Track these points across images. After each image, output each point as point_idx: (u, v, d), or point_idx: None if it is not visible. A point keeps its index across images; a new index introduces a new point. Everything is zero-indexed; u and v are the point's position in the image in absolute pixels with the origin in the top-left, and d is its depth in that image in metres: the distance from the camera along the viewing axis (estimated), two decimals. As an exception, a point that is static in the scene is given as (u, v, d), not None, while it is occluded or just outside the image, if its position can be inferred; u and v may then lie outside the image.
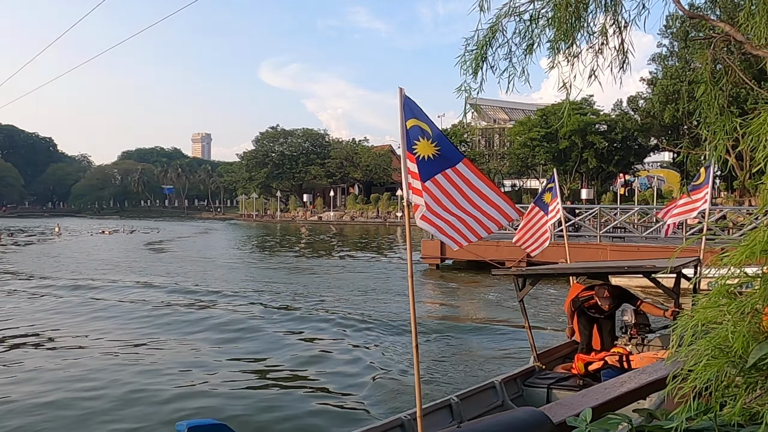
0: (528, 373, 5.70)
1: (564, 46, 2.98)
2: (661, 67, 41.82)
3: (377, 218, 68.88)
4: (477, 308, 12.46)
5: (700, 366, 2.17)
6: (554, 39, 2.96)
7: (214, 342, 9.29)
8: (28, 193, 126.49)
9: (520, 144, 53.44)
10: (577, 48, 3.00)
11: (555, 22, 2.91)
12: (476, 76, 3.17)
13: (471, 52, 3.14)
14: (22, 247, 31.54)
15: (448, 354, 8.49)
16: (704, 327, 2.26)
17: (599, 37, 3.06)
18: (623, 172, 53.19)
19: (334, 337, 9.65)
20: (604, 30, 3.05)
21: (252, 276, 18.33)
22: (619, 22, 3.06)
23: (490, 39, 3.11)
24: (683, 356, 2.25)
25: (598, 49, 3.06)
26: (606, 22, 3.07)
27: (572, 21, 2.88)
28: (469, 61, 3.14)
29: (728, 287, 2.22)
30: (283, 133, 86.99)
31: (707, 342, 2.21)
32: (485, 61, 3.16)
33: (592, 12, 2.97)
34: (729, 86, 2.56)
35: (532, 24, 3.02)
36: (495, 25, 3.11)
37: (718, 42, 2.62)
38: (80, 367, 7.78)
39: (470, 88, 3.19)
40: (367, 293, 14.33)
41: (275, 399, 6.68)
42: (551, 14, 2.98)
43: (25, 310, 12.08)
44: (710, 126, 2.49)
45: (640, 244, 17.94)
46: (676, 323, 2.28)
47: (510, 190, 65.23)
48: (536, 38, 3.03)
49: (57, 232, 44.23)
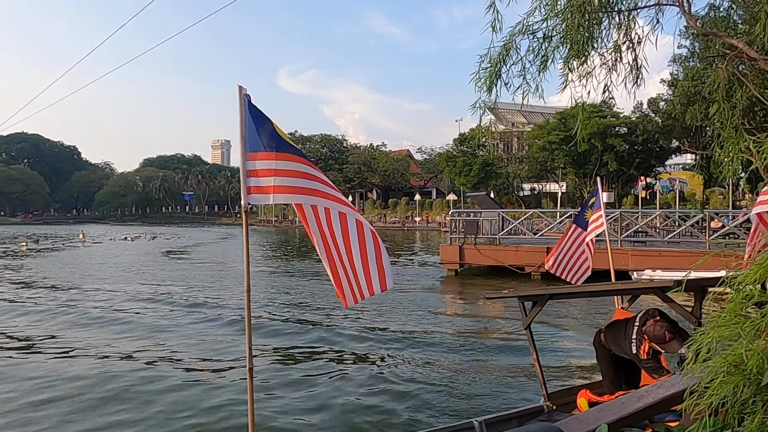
0: (532, 413, 4.81)
1: (577, 63, 3.01)
2: (682, 68, 41.22)
3: (396, 223, 68.89)
4: (498, 318, 12.34)
5: (716, 383, 2.18)
6: (567, 57, 2.99)
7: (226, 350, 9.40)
8: (54, 200, 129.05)
9: (539, 147, 53.05)
10: (590, 64, 3.04)
11: (567, 41, 2.94)
12: (491, 93, 3.22)
13: (485, 70, 3.19)
14: (50, 254, 32.18)
15: (464, 370, 8.39)
16: (719, 344, 2.27)
17: (612, 53, 3.09)
18: (644, 175, 52.47)
19: (340, 349, 9.69)
20: (618, 46, 3.08)
21: (273, 285, 18.47)
22: (632, 39, 3.09)
23: (504, 56, 3.15)
24: (698, 372, 2.26)
25: (611, 65, 3.09)
26: (619, 39, 3.10)
27: (584, 41, 2.90)
28: (483, 78, 3.19)
29: (743, 305, 2.22)
30: (301, 139, 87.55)
31: (722, 359, 2.22)
32: (499, 78, 3.20)
33: (605, 29, 3.01)
34: (743, 102, 2.57)
35: (546, 42, 3.06)
36: (509, 43, 3.15)
37: (732, 59, 2.64)
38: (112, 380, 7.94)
39: (485, 104, 3.23)
40: (388, 303, 14.33)
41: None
42: (564, 33, 3.01)
43: (53, 321, 12.33)
44: (724, 144, 2.50)
45: (662, 249, 17.70)
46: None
47: (529, 194, 64.76)
48: (550, 55, 3.07)
49: (81, 239, 45.02)
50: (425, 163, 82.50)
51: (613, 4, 2.90)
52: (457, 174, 60.01)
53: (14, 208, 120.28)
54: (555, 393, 5.05)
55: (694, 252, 15.81)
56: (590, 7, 2.79)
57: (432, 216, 66.35)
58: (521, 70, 3.31)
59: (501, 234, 20.53)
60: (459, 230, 20.72)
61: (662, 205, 40.78)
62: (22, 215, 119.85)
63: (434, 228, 58.43)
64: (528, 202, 57.05)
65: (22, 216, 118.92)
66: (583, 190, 53.54)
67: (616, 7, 2.94)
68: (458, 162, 59.68)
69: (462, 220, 21.31)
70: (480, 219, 21.22)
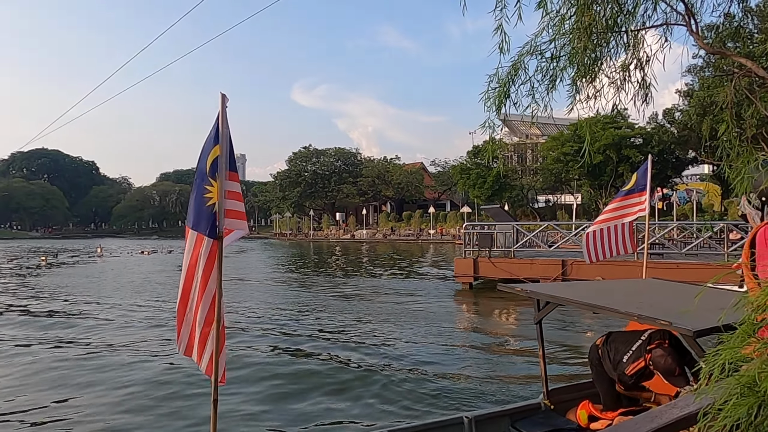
0: (527, 411, 4.60)
1: (584, 84, 3.03)
2: (697, 78, 40.95)
3: (410, 236, 68.89)
4: (514, 332, 12.26)
5: (730, 405, 2.16)
6: (574, 77, 3.01)
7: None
8: (72, 214, 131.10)
9: (554, 159, 52.86)
10: (599, 84, 3.06)
11: (574, 62, 2.97)
12: (499, 112, 3.25)
13: (494, 90, 3.22)
14: (70, 268, 32.63)
15: (474, 379, 8.37)
16: (732, 365, 2.25)
17: (621, 72, 3.11)
18: (661, 186, 51.97)
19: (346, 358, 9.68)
20: (626, 66, 3.10)
21: (288, 299, 18.53)
22: (640, 58, 3.11)
23: (513, 76, 3.18)
24: (711, 393, 2.25)
25: (619, 84, 3.11)
26: (627, 59, 3.12)
27: (591, 62, 2.93)
28: (492, 98, 3.22)
29: (756, 327, 2.20)
30: (315, 152, 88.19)
31: (736, 380, 2.20)
32: (508, 97, 3.23)
33: (613, 48, 3.04)
34: (753, 121, 2.56)
35: (553, 62, 3.09)
36: (517, 63, 3.19)
37: (740, 77, 2.64)
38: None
39: (494, 124, 3.28)
40: (401, 315, 14.31)
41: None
42: (570, 54, 3.04)
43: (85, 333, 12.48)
44: (733, 164, 2.49)
45: (679, 261, 17.48)
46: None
47: (543, 206, 64.43)
48: (558, 74, 3.10)
49: (99, 253, 45.58)
50: (439, 176, 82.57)
51: (620, 25, 2.93)
52: (471, 186, 59.94)
53: (34, 223, 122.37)
54: (555, 390, 4.85)
55: (712, 265, 15.59)
56: (596, 29, 2.82)
57: (446, 228, 66.24)
58: (530, 89, 3.34)
59: (515, 247, 20.43)
60: (473, 243, 20.66)
61: (679, 217, 40.32)
62: (41, 230, 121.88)
63: (448, 240, 58.29)
64: (543, 215, 56.73)
65: (41, 230, 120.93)
66: (599, 201, 53.12)
67: (623, 27, 2.96)
68: (472, 174, 59.63)
69: (476, 232, 21.25)
70: (494, 232, 21.15)
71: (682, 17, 2.99)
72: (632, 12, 3.03)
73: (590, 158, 46.91)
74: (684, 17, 2.98)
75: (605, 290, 4.91)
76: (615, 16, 2.89)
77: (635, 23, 3.01)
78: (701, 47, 3.01)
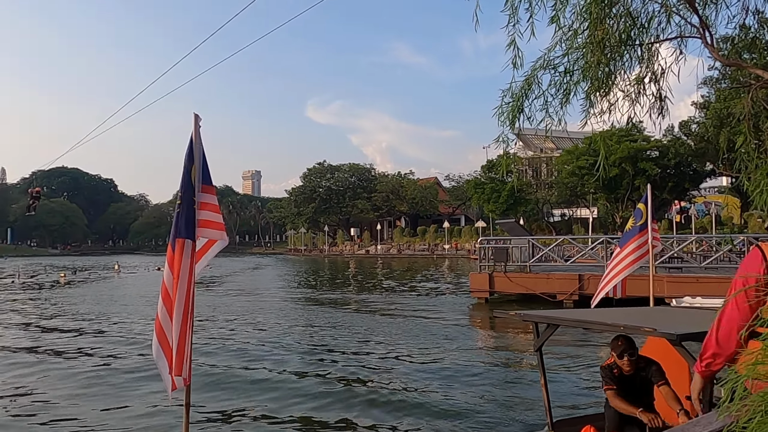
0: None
1: (598, 98, 3.03)
2: (713, 90, 40.62)
3: (425, 251, 68.71)
4: (530, 348, 12.09)
5: (754, 423, 2.11)
6: (588, 91, 3.00)
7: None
8: (91, 231, 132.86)
9: (569, 173, 52.56)
10: (613, 97, 3.05)
11: (588, 77, 2.97)
12: (513, 126, 3.25)
13: (507, 104, 3.22)
14: (88, 284, 33.00)
15: (485, 400, 8.23)
16: (756, 382, 2.20)
17: (635, 85, 3.09)
18: (678, 199, 51.38)
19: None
20: (640, 79, 3.08)
21: (303, 317, 18.53)
22: (655, 71, 3.09)
23: (526, 91, 3.18)
24: (734, 411, 2.20)
25: (634, 97, 3.09)
26: (641, 72, 3.11)
27: (604, 76, 2.92)
28: (506, 112, 3.22)
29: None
30: (329, 168, 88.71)
31: (760, 398, 2.15)
32: (522, 112, 3.23)
33: (627, 62, 3.03)
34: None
35: (567, 76, 3.09)
36: (530, 78, 3.19)
37: (757, 89, 2.61)
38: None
39: (508, 138, 3.28)
40: (416, 333, 14.22)
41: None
42: (583, 68, 3.04)
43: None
44: (751, 176, 2.46)
45: (699, 275, 17.19)
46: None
47: (559, 220, 63.96)
48: (572, 89, 3.09)
49: (116, 270, 46.13)
50: (453, 191, 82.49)
51: (634, 39, 2.92)
52: (486, 201, 59.75)
53: (54, 240, 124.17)
54: (561, 422, 4.59)
55: (732, 278, 15.29)
56: (610, 42, 2.81)
57: (461, 243, 65.99)
58: (543, 103, 3.33)
59: (531, 261, 20.27)
60: (488, 258, 20.53)
61: (698, 230, 39.74)
62: (60, 247, 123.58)
63: (463, 255, 58.01)
64: (558, 228, 56.31)
65: (60, 247, 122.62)
66: (615, 215, 52.62)
67: (637, 41, 2.95)
68: (486, 189, 59.47)
69: (491, 247, 21.12)
70: (509, 246, 21.01)
71: (697, 30, 2.98)
72: (646, 26, 3.02)
73: (605, 172, 46.39)
74: (698, 30, 2.97)
75: (607, 313, 4.79)
76: (628, 29, 2.89)
77: (649, 36, 3.00)
78: (717, 59, 2.99)
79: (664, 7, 2.98)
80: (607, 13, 2.79)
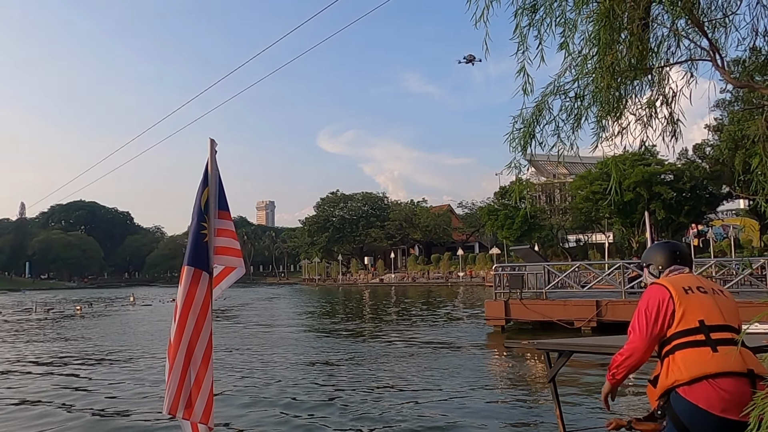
0: None
1: (609, 122, 3.02)
2: (726, 112, 40.49)
3: (439, 278, 68.29)
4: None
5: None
6: (598, 116, 3.01)
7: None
8: (107, 264, 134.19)
9: (582, 198, 52.32)
10: (624, 121, 3.04)
11: (598, 101, 2.97)
12: (525, 152, 3.25)
13: (519, 130, 3.23)
14: (103, 317, 33.14)
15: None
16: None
17: (647, 109, 3.08)
18: (695, 223, 50.77)
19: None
20: (651, 103, 3.08)
21: (316, 347, 18.41)
22: (666, 95, 3.08)
23: (537, 116, 3.19)
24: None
25: (646, 121, 3.08)
26: (652, 96, 3.10)
27: (615, 100, 2.92)
28: (517, 138, 3.23)
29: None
30: (342, 197, 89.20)
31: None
32: (533, 138, 3.23)
33: (638, 86, 3.03)
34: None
35: (578, 101, 3.10)
36: (541, 103, 3.20)
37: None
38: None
39: (520, 164, 3.27)
40: (431, 364, 14.02)
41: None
42: (593, 93, 3.04)
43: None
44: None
45: (719, 300, 16.83)
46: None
47: (574, 246, 63.38)
48: (583, 113, 3.09)
49: (132, 302, 46.37)
50: (467, 218, 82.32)
51: (644, 63, 2.93)
52: (500, 227, 59.52)
53: (71, 273, 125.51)
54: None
55: (754, 303, 14.97)
56: (619, 67, 2.82)
57: (475, 270, 65.54)
58: (555, 129, 3.33)
59: (547, 288, 20.03)
60: (503, 285, 20.32)
61: (716, 254, 39.10)
62: (77, 279, 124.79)
63: (478, 283, 57.53)
64: (574, 254, 55.75)
65: (77, 280, 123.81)
66: (631, 239, 52.08)
67: (647, 65, 2.96)
68: (500, 215, 59.30)
69: (506, 274, 20.93)
70: (525, 273, 20.80)
71: (707, 53, 2.98)
72: (655, 50, 3.04)
73: (620, 196, 46.28)
74: (708, 52, 2.97)
75: (622, 339, 4.78)
76: (638, 54, 2.90)
77: (659, 60, 3.01)
78: (728, 81, 2.98)
79: (673, 31, 3.00)
80: (615, 38, 2.81)
